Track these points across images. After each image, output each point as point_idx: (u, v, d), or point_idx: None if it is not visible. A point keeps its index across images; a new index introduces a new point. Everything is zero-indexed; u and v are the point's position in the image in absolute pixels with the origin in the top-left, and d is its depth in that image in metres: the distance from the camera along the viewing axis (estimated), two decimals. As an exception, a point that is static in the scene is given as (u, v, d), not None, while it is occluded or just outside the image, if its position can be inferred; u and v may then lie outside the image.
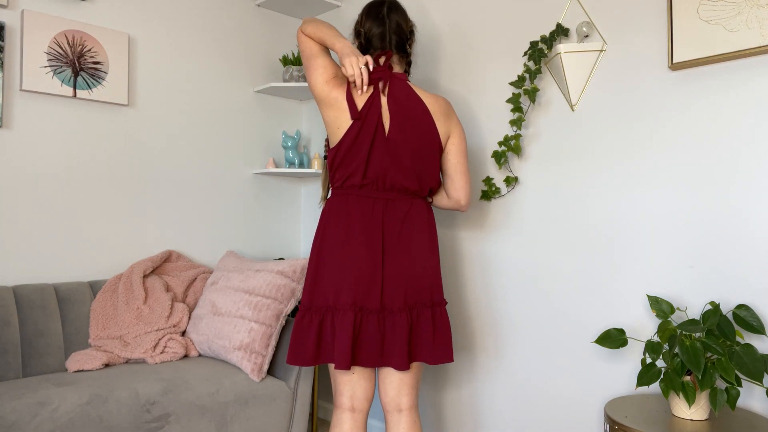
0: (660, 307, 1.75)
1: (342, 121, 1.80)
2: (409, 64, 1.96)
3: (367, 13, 1.92)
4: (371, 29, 1.88)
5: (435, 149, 1.85)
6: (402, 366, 1.74)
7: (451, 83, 2.51)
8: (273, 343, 2.27)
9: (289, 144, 2.96)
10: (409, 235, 1.81)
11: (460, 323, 2.48)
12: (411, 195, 1.85)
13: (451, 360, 1.80)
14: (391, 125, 1.79)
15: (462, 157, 1.93)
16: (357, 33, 1.92)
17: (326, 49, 1.88)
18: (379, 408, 2.84)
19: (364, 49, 1.91)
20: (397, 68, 1.91)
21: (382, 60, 1.86)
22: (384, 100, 1.80)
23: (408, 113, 1.81)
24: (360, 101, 1.79)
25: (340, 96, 1.80)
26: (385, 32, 1.87)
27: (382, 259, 1.76)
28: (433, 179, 1.87)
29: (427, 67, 2.61)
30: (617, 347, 1.80)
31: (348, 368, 1.71)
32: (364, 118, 1.77)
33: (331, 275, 1.77)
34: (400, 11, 1.92)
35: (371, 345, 1.74)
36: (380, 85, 1.81)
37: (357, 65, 1.75)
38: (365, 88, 1.77)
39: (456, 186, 1.93)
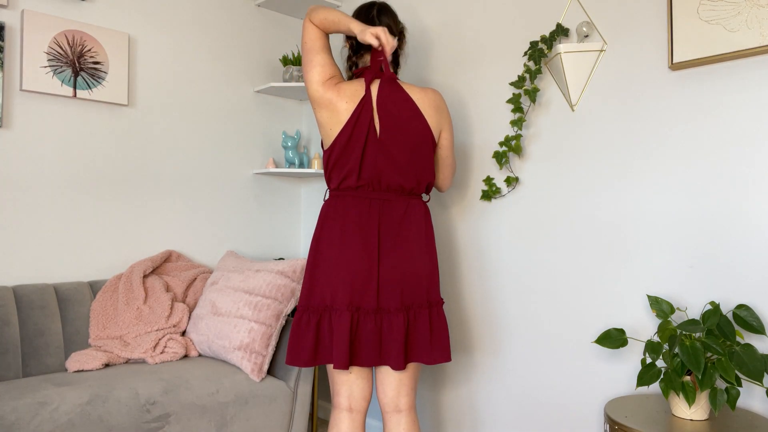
0: (660, 307, 1.75)
1: (335, 123, 1.81)
2: (397, 65, 1.97)
3: (357, 15, 1.94)
4: None
5: (428, 145, 1.86)
6: (398, 366, 1.74)
7: (452, 84, 2.51)
8: (273, 343, 2.27)
9: (289, 144, 2.96)
10: (405, 236, 1.81)
11: (458, 323, 2.48)
12: (407, 194, 1.85)
13: (449, 359, 1.81)
14: (381, 125, 1.79)
15: (451, 152, 2.01)
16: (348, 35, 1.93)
17: (328, 44, 1.87)
18: (377, 407, 2.83)
19: (354, 50, 1.92)
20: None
21: (367, 58, 1.88)
22: (374, 101, 1.81)
23: (397, 112, 1.81)
24: (352, 104, 1.79)
25: (334, 98, 1.80)
26: None
27: (378, 260, 1.77)
28: (430, 174, 1.88)
29: (427, 68, 2.61)
30: (617, 347, 1.80)
31: (346, 368, 1.71)
32: (356, 120, 1.78)
33: (327, 276, 1.77)
34: (390, 13, 1.93)
35: (369, 345, 1.75)
36: (372, 86, 1.82)
37: (385, 34, 1.76)
38: (389, 56, 1.81)
39: (440, 177, 2.06)
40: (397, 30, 1.93)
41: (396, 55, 1.95)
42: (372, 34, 1.75)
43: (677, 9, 1.82)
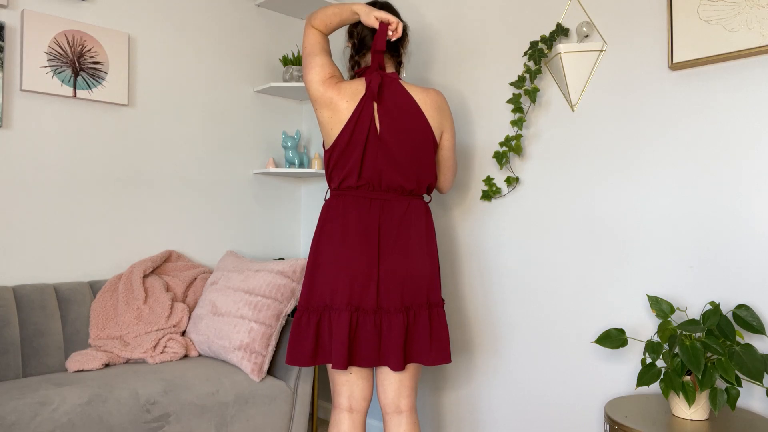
0: (660, 307, 1.75)
1: (335, 122, 1.81)
2: (400, 63, 1.97)
3: None
4: (363, 29, 1.90)
5: (429, 146, 1.86)
6: (398, 367, 1.73)
7: (451, 84, 2.51)
8: (273, 343, 2.27)
9: (289, 144, 2.96)
10: (405, 236, 1.81)
11: (459, 324, 2.48)
12: (408, 195, 1.85)
13: (449, 361, 1.80)
14: (382, 125, 1.79)
15: (452, 153, 2.01)
16: (350, 33, 1.94)
17: (328, 47, 1.90)
18: (378, 408, 2.83)
19: (357, 49, 1.92)
20: (388, 67, 1.92)
21: (369, 58, 1.88)
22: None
23: (399, 112, 1.81)
24: (353, 103, 1.79)
25: (335, 96, 1.80)
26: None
27: (378, 260, 1.77)
28: (431, 175, 1.88)
29: (427, 68, 2.61)
30: (617, 347, 1.80)
31: (345, 368, 1.71)
32: (357, 120, 1.78)
33: (327, 275, 1.77)
34: (392, 11, 1.94)
35: (368, 345, 1.74)
36: (372, 85, 1.82)
37: (389, 16, 1.80)
38: (399, 33, 1.83)
39: (441, 178, 2.06)
40: None
41: (399, 54, 1.95)
42: (376, 18, 1.80)
43: (677, 9, 1.82)
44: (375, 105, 1.81)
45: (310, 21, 1.88)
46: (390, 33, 1.83)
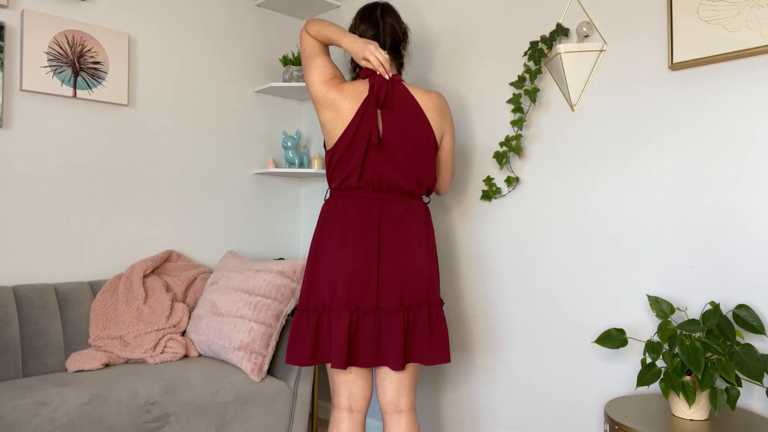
0: (660, 307, 1.75)
1: (338, 123, 1.81)
2: (401, 65, 1.97)
3: (361, 16, 1.94)
4: (365, 32, 1.90)
5: (430, 148, 1.86)
6: (397, 366, 1.73)
7: (452, 84, 2.51)
8: (273, 343, 2.27)
9: (289, 144, 2.96)
10: (405, 236, 1.81)
11: (458, 324, 2.48)
12: (408, 195, 1.85)
13: (448, 360, 1.80)
14: (384, 127, 1.79)
15: (451, 156, 2.02)
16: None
17: (327, 49, 1.90)
18: (378, 408, 2.83)
19: None
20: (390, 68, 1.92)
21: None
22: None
23: (401, 114, 1.81)
24: (355, 104, 1.79)
25: (337, 97, 1.80)
26: (379, 34, 1.89)
27: (378, 260, 1.77)
28: (431, 178, 1.88)
29: (427, 68, 2.61)
30: (617, 347, 1.80)
31: (344, 368, 1.71)
32: (359, 120, 1.78)
33: (326, 275, 1.77)
34: (393, 14, 1.94)
35: (367, 345, 1.74)
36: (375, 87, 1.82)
37: (376, 55, 1.78)
38: (389, 75, 1.81)
39: (439, 180, 2.07)
40: (401, 30, 1.94)
41: (400, 56, 1.95)
42: (364, 60, 1.80)
43: (677, 9, 1.82)
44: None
45: (307, 28, 1.91)
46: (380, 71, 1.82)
